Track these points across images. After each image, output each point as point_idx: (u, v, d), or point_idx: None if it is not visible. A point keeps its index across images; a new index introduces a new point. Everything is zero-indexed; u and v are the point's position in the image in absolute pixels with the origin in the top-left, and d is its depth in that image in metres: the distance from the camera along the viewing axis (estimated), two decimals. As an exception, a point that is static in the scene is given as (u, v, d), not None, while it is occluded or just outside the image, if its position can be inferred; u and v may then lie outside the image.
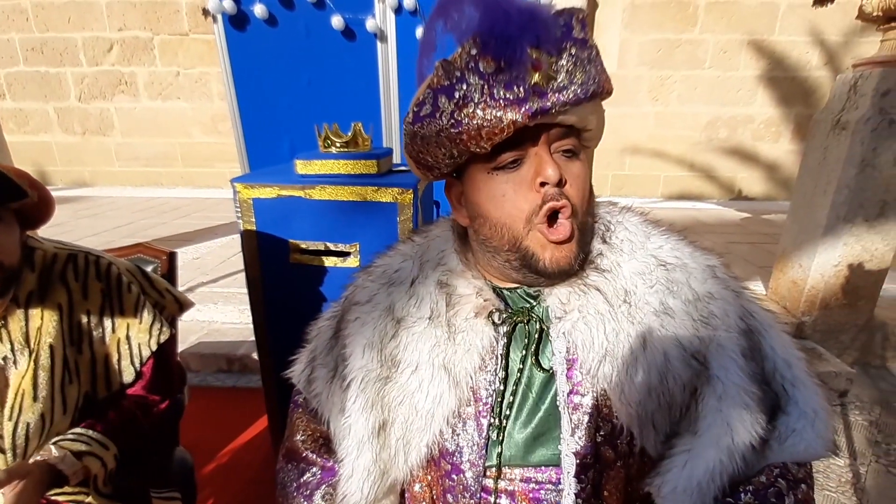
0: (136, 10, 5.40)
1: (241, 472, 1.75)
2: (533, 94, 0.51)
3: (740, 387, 0.57)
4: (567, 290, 0.62)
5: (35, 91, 5.72)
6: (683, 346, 0.58)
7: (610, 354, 0.59)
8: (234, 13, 2.21)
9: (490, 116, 0.53)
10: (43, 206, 0.85)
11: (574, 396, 0.60)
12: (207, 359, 2.44)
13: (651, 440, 0.59)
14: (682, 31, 5.15)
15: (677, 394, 0.58)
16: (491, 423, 0.62)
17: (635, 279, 0.61)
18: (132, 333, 0.93)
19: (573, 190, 0.57)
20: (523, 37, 0.50)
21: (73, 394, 0.89)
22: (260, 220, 1.32)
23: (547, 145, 0.57)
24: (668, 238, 0.66)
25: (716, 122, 5.44)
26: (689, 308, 0.59)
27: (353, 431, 0.65)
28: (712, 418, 0.57)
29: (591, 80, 0.53)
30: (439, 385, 0.62)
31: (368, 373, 0.66)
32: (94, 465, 0.83)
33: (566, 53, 0.52)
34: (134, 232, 4.17)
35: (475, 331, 0.63)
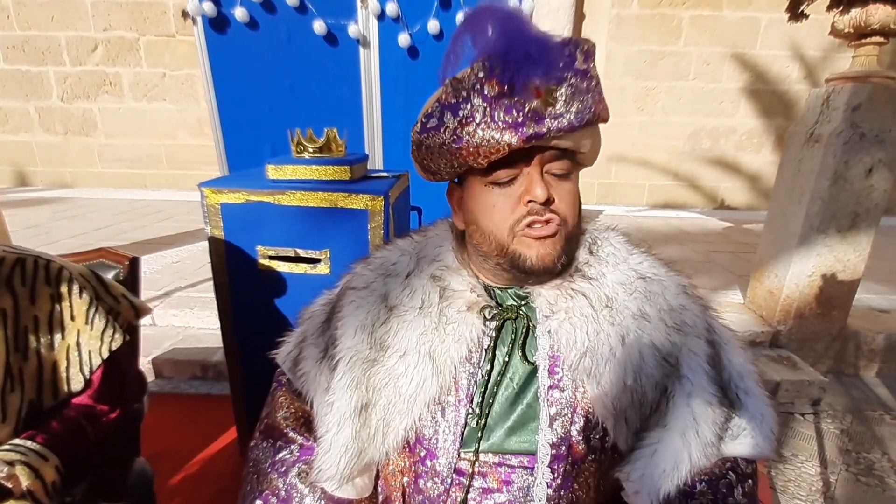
0: (122, 10, 5.35)
1: (210, 482, 1.72)
2: (530, 119, 0.56)
3: (705, 388, 0.63)
4: (555, 292, 0.67)
5: (15, 90, 5.63)
6: (657, 348, 0.64)
7: (591, 351, 0.64)
8: (215, 16, 2.19)
9: (488, 137, 0.58)
10: None
11: (554, 391, 0.65)
12: (181, 365, 2.40)
13: (623, 434, 0.64)
14: (667, 43, 5.23)
15: (649, 391, 0.63)
16: (470, 412, 0.66)
17: (617, 288, 0.67)
18: (83, 340, 0.90)
19: (563, 206, 0.63)
20: (531, 66, 0.54)
21: (16, 402, 0.85)
22: (228, 226, 1.30)
23: (539, 166, 0.62)
24: (646, 257, 0.72)
25: (699, 133, 5.51)
26: (664, 316, 0.66)
27: (335, 407, 0.68)
28: (680, 412, 0.62)
29: (588, 109, 0.57)
30: (423, 371, 0.66)
31: (357, 353, 0.69)
32: (27, 477, 0.79)
33: (566, 83, 0.56)
34: (114, 234, 4.10)
35: (466, 323, 0.67)
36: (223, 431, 1.98)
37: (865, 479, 1.77)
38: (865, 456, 1.89)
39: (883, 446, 1.94)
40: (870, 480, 1.76)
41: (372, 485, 0.73)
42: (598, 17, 5.18)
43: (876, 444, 1.95)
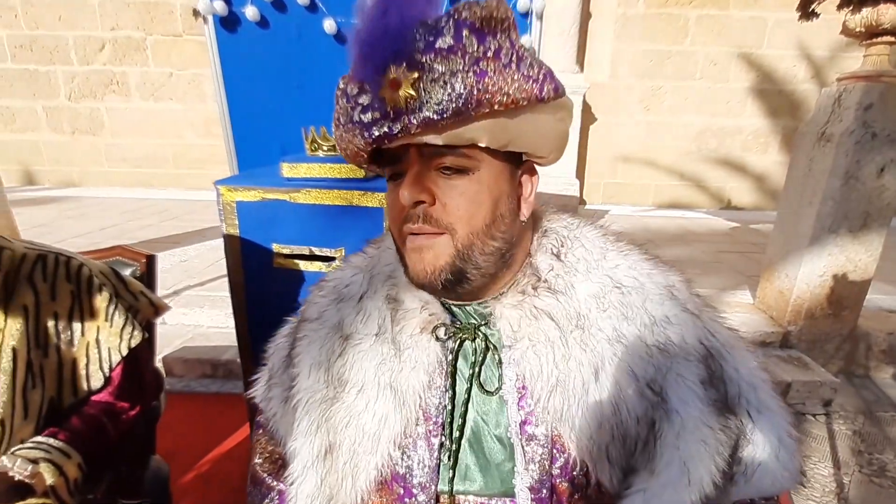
0: (129, 9, 5.37)
1: (222, 481, 1.72)
2: (388, 115, 0.49)
3: (699, 419, 0.54)
4: (518, 313, 0.59)
5: (23, 89, 5.66)
6: (637, 376, 0.55)
7: (561, 385, 0.56)
8: (225, 14, 2.19)
9: (347, 139, 0.53)
10: None
11: (527, 427, 0.57)
12: (191, 364, 2.41)
13: (606, 473, 0.56)
14: (674, 42, 5.22)
15: (631, 426, 0.55)
16: (442, 444, 0.60)
17: (589, 302, 0.58)
18: (102, 337, 0.90)
19: (447, 211, 0.53)
20: (378, 54, 0.47)
21: (37, 399, 0.85)
22: (243, 224, 1.30)
23: (420, 163, 0.53)
24: (626, 255, 0.62)
25: (706, 133, 5.50)
26: (645, 333, 0.57)
27: (298, 456, 0.63)
28: (670, 455, 0.54)
29: (455, 97, 0.46)
30: (384, 405, 0.60)
31: (314, 394, 0.64)
32: (51, 474, 0.79)
33: (425, 68, 0.47)
34: (121, 234, 4.12)
35: (420, 347, 0.60)
36: (234, 430, 1.98)
37: (879, 480, 1.76)
38: (878, 457, 1.87)
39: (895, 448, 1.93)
40: (883, 482, 1.75)
41: None
42: (604, 16, 5.17)
43: (888, 446, 1.94)
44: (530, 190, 0.60)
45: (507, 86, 0.48)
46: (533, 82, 0.49)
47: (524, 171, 0.60)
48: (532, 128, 0.53)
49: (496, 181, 0.55)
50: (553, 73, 0.52)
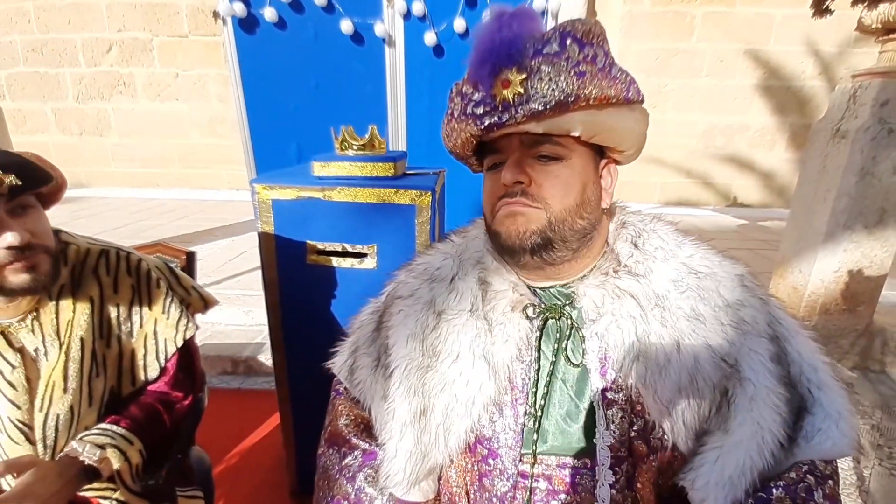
0: (135, 11, 5.39)
1: (252, 475, 1.75)
2: (497, 109, 0.59)
3: (770, 389, 0.61)
4: (601, 292, 0.66)
5: (33, 91, 5.68)
6: (713, 350, 0.62)
7: (643, 355, 0.62)
8: (244, 16, 2.22)
9: (459, 129, 0.64)
10: (58, 186, 0.87)
11: (608, 393, 0.64)
12: (212, 360, 2.44)
13: (682, 436, 0.62)
14: (680, 40, 5.22)
15: (707, 394, 0.61)
16: (527, 412, 0.66)
17: (668, 285, 0.65)
18: (159, 329, 0.94)
19: (543, 190, 0.63)
20: (493, 60, 0.58)
21: (100, 387, 0.90)
22: (278, 221, 1.32)
23: (520, 151, 0.63)
24: (697, 247, 0.70)
25: (712, 130, 5.51)
26: (720, 314, 0.63)
27: (396, 415, 0.70)
28: (743, 417, 0.60)
29: (558, 92, 0.56)
30: (480, 374, 0.66)
31: (411, 361, 0.70)
32: (117, 459, 0.83)
33: (534, 71, 0.57)
34: (133, 233, 4.14)
35: (512, 323, 0.68)
36: (259, 425, 2.02)
37: (898, 471, 1.78)
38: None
39: (913, 440, 1.95)
40: (903, 473, 1.77)
41: (436, 487, 0.74)
42: (610, 14, 5.18)
43: (906, 438, 1.96)
44: (610, 182, 0.69)
45: (602, 84, 0.58)
46: (621, 84, 0.60)
47: (606, 164, 0.69)
48: (618, 124, 0.62)
49: (585, 169, 0.65)
50: (636, 81, 0.62)
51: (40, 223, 0.82)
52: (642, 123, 0.66)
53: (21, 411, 0.83)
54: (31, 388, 0.84)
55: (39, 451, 0.84)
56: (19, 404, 0.83)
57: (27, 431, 0.83)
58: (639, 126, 0.65)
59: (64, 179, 0.87)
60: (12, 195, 0.76)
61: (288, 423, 1.55)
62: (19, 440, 0.83)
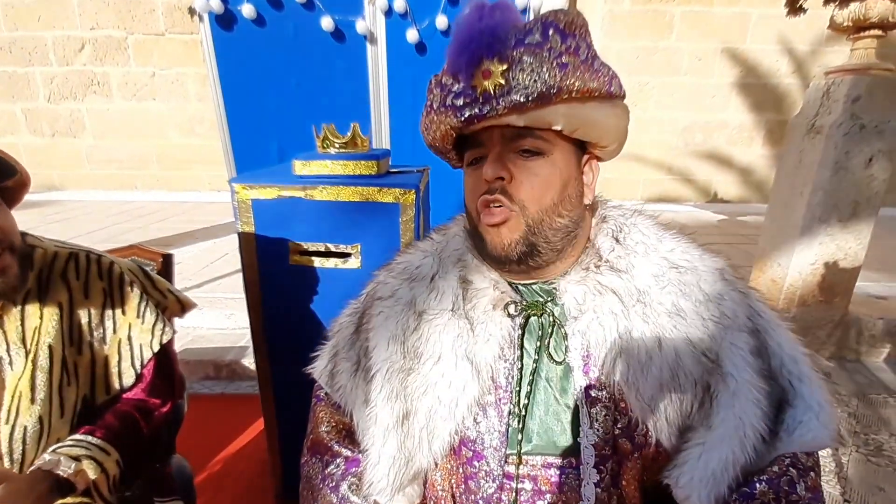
0: (109, 8, 5.25)
1: (235, 482, 1.71)
2: (477, 100, 0.58)
3: (750, 383, 0.61)
4: (582, 289, 0.65)
5: (2, 91, 5.50)
6: (694, 345, 0.61)
7: (624, 352, 0.62)
8: (222, 12, 2.17)
9: (438, 121, 0.62)
10: (22, 182, 0.83)
11: (592, 391, 0.63)
12: (193, 366, 2.38)
13: (665, 433, 0.62)
14: (659, 38, 5.29)
15: (689, 390, 0.61)
16: (511, 411, 0.65)
17: (649, 280, 0.65)
18: (134, 334, 0.90)
19: (522, 187, 0.62)
20: (473, 51, 0.56)
21: (72, 396, 0.86)
22: (259, 221, 1.29)
23: (502, 145, 0.62)
24: (678, 241, 0.69)
25: (692, 128, 5.59)
26: (700, 308, 0.63)
27: (378, 420, 0.68)
28: (725, 413, 0.60)
29: (540, 84, 0.55)
30: (463, 374, 0.65)
31: (393, 364, 0.69)
32: (94, 471, 0.79)
33: (516, 61, 0.56)
34: (109, 237, 4.04)
35: (494, 321, 0.67)
36: (243, 431, 1.98)
37: (876, 459, 1.82)
38: (874, 437, 1.94)
39: (890, 428, 2.00)
40: (880, 461, 1.81)
41: (422, 491, 0.73)
42: (591, 13, 5.22)
43: (883, 426, 2.01)
44: (592, 177, 0.68)
45: (584, 76, 0.57)
46: (604, 77, 0.59)
47: (588, 160, 0.68)
48: (600, 118, 0.62)
49: (567, 165, 0.64)
50: (618, 76, 0.62)
51: (5, 220, 0.77)
52: (624, 119, 0.65)
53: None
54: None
55: (6, 465, 0.80)
56: None
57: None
58: (620, 121, 0.65)
59: (28, 176, 0.83)
60: None
61: (272, 427, 1.52)
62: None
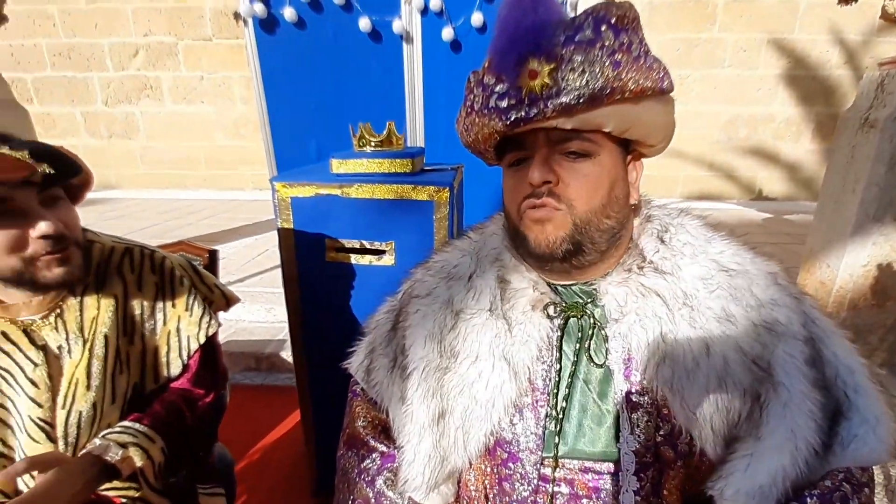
0: (161, 15, 5.51)
1: (274, 472, 1.78)
2: (523, 102, 0.55)
3: (804, 394, 0.58)
4: (624, 290, 0.63)
5: (62, 96, 5.86)
6: (744, 352, 0.59)
7: (669, 357, 0.60)
8: (265, 16, 2.25)
9: (481, 124, 0.60)
10: (86, 179, 0.88)
11: (633, 396, 0.61)
12: (236, 357, 2.49)
13: (710, 442, 0.59)
14: (701, 30, 5.11)
15: (737, 399, 0.59)
16: (548, 414, 0.64)
17: (696, 283, 0.62)
18: (182, 326, 0.95)
19: (570, 189, 0.60)
20: (518, 49, 0.54)
21: (123, 384, 0.90)
22: (297, 219, 1.34)
23: (547, 147, 0.60)
24: (728, 243, 0.66)
25: (735, 122, 5.38)
26: (752, 314, 0.60)
27: (414, 418, 0.68)
28: (776, 423, 0.57)
29: (591, 84, 0.52)
30: (500, 375, 0.64)
31: (429, 362, 0.69)
32: (140, 458, 0.83)
33: (565, 60, 0.53)
34: (161, 233, 4.25)
35: (532, 322, 0.65)
36: (281, 422, 2.05)
37: (931, 471, 1.72)
38: (930, 448, 1.83)
39: (948, 439, 1.88)
40: (936, 473, 1.71)
41: (456, 490, 0.73)
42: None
43: (941, 437, 1.89)
44: (635, 176, 0.66)
45: (638, 75, 0.54)
46: (657, 73, 0.56)
47: (632, 158, 0.65)
48: (650, 116, 0.59)
49: (614, 166, 0.62)
50: (668, 70, 0.59)
51: (71, 215, 0.82)
52: (672, 115, 0.63)
53: (42, 409, 0.82)
54: (53, 386, 0.84)
55: (61, 448, 0.84)
56: (41, 402, 0.82)
57: (48, 430, 0.83)
58: (669, 118, 0.62)
59: (91, 175, 0.88)
60: (45, 185, 0.76)
61: (308, 420, 1.57)
62: (40, 439, 0.82)
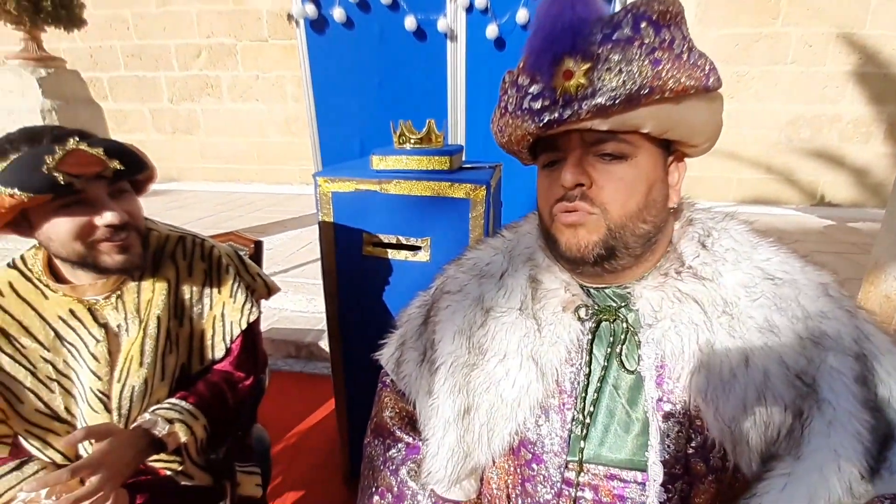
0: (222, 18, 5.79)
1: (308, 457, 1.85)
2: (557, 103, 0.53)
3: (852, 413, 0.54)
4: (659, 295, 0.61)
5: (133, 94, 6.28)
6: (787, 366, 0.55)
7: (704, 366, 0.57)
8: (316, 17, 2.32)
9: (514, 125, 0.59)
10: (150, 175, 0.95)
11: (664, 404, 0.59)
12: (277, 344, 2.59)
13: (745, 458, 0.57)
14: (763, 24, 4.84)
15: (777, 414, 0.56)
16: (574, 417, 0.63)
17: (738, 291, 0.59)
18: (226, 311, 1.01)
19: (603, 192, 0.58)
20: (554, 48, 0.52)
21: (172, 363, 0.97)
22: (337, 213, 1.39)
23: (581, 149, 0.58)
24: (776, 251, 0.63)
25: (797, 122, 5.07)
26: (798, 326, 0.57)
27: (440, 412, 0.69)
28: (818, 443, 0.54)
29: (629, 84, 0.50)
30: (528, 375, 0.63)
31: (457, 358, 0.69)
32: (184, 433, 0.88)
33: (602, 59, 0.51)
34: (214, 223, 4.49)
35: (563, 324, 0.64)
36: (317, 409, 2.12)
37: None
38: None
39: None
40: None
41: (478, 486, 0.73)
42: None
43: None
44: (677, 178, 0.63)
45: (680, 73, 0.52)
46: (701, 71, 0.53)
47: (674, 159, 0.62)
48: (693, 116, 0.56)
49: (653, 168, 0.59)
50: (715, 66, 0.55)
51: (135, 206, 0.90)
52: (718, 113, 0.59)
53: (102, 382, 0.90)
54: (111, 361, 0.91)
55: (115, 419, 0.90)
56: (101, 375, 0.89)
57: (105, 401, 0.90)
58: (714, 116, 0.59)
59: (154, 170, 0.95)
60: (114, 179, 0.84)
61: (342, 409, 1.62)
62: (98, 409, 0.90)
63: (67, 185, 0.76)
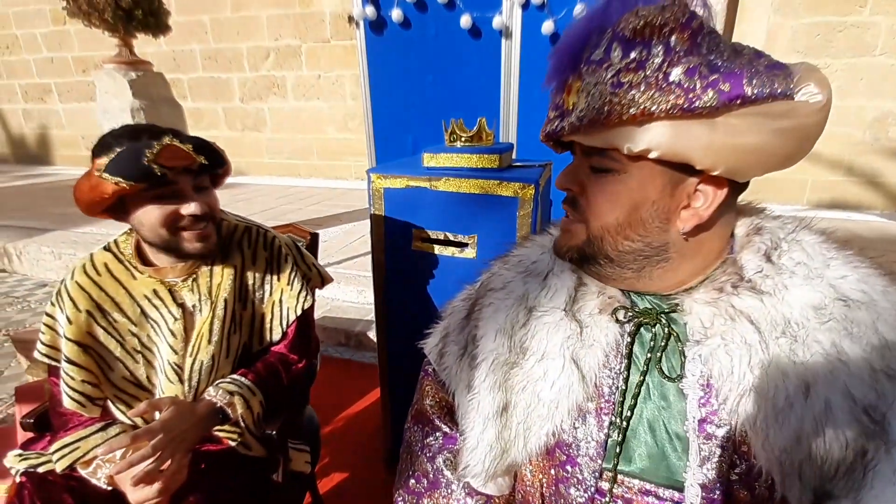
0: (289, 21, 6.10)
1: (353, 438, 1.93)
2: (558, 116, 0.57)
3: None
4: (711, 311, 0.57)
5: (208, 93, 6.77)
6: (854, 398, 0.50)
7: (756, 391, 0.53)
8: (375, 18, 2.40)
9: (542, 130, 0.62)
10: (227, 171, 1.05)
11: (707, 425, 0.56)
12: (329, 332, 2.71)
13: (795, 491, 0.52)
14: (848, 12, 4.47)
15: (835, 449, 0.50)
16: (612, 422, 0.61)
17: (806, 311, 0.53)
18: (284, 298, 1.09)
19: (588, 202, 0.59)
20: (565, 63, 0.55)
21: (235, 343, 1.06)
22: (389, 208, 1.44)
23: (581, 158, 0.61)
24: (855, 267, 0.56)
25: (885, 119, 4.63)
26: (872, 356, 0.51)
27: (480, 408, 0.68)
28: (881, 489, 0.49)
29: (592, 105, 0.51)
30: (569, 377, 0.62)
31: (498, 356, 0.68)
32: (242, 406, 0.97)
33: (583, 78, 0.53)
34: (276, 216, 4.74)
35: (599, 326, 0.63)
36: (364, 395, 2.20)
37: None
38: None
39: None
40: None
41: (512, 484, 0.73)
42: (762, -10, 4.62)
43: None
44: (704, 202, 0.55)
45: (643, 97, 0.49)
46: (683, 92, 0.48)
47: (703, 181, 0.54)
48: (685, 139, 0.50)
49: (642, 187, 0.55)
50: (742, 79, 0.49)
51: (213, 198, 1.00)
52: (749, 136, 0.50)
53: (177, 356, 0.99)
54: (186, 338, 1.00)
55: (185, 390, 1.01)
56: (176, 350, 0.99)
57: (180, 373, 1.00)
58: (736, 140, 0.50)
59: (230, 165, 1.05)
60: (198, 173, 0.94)
61: (386, 398, 1.68)
62: (174, 380, 1.00)
63: (161, 176, 0.87)
